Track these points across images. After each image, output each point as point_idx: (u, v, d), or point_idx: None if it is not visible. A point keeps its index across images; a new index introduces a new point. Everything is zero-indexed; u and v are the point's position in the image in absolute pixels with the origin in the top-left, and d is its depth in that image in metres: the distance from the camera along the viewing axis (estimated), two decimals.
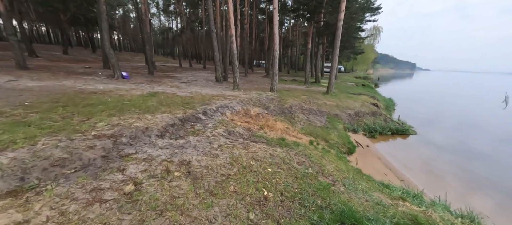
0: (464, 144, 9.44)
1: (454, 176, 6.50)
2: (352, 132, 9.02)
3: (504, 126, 12.82)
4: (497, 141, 10.00)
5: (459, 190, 5.77)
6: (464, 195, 5.49)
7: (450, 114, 15.92)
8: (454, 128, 11.98)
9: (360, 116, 10.20)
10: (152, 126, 4.11)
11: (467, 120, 14.13)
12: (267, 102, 9.28)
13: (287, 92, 12.55)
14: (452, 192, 5.36)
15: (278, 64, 11.67)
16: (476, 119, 14.65)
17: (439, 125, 12.47)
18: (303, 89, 15.39)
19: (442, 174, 6.56)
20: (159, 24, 54.35)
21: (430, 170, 6.78)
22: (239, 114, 7.46)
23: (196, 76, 18.05)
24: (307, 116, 8.86)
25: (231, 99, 8.45)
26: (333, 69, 13.48)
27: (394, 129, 9.82)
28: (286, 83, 18.79)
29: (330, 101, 11.16)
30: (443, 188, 5.36)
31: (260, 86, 14.52)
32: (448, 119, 14.20)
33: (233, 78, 11.52)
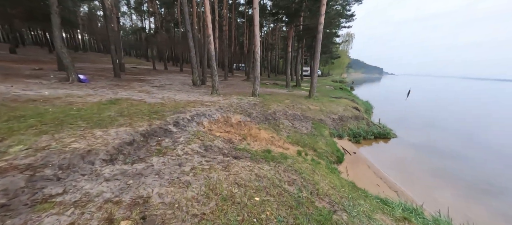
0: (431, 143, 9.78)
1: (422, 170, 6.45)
2: (338, 138, 8.70)
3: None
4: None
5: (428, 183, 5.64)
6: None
7: (413, 114, 16.91)
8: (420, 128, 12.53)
9: (344, 120, 10.00)
10: (98, 146, 3.08)
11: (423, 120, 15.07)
12: (249, 108, 8.55)
13: (269, 96, 11.98)
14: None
15: (260, 67, 11.07)
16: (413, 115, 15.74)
17: (408, 124, 12.94)
18: (285, 93, 15.01)
19: (424, 175, 6.48)
20: (131, 24, 50.74)
21: (417, 176, 6.65)
22: (219, 123, 6.60)
23: (171, 79, 16.65)
24: (292, 122, 8.32)
25: (209, 106, 7.54)
26: (315, 73, 13.31)
27: (376, 132, 9.78)
28: (267, 87, 18.31)
29: (314, 105, 10.84)
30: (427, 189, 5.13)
31: (241, 91, 13.76)
32: (416, 119, 14.95)
33: (212, 82, 10.60)
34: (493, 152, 9.54)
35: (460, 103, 29.25)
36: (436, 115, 17.41)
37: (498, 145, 10.45)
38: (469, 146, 10.05)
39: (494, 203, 5.51)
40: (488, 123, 16.16)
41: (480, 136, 12.13)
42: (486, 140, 11.34)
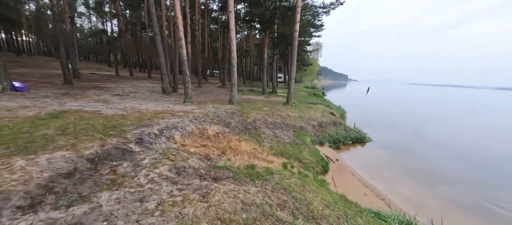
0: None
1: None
2: (319, 145, 8.54)
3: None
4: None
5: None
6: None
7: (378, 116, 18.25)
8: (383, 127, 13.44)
9: (323, 126, 9.97)
10: (12, 186, 2.11)
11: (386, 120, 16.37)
12: (227, 117, 7.86)
13: (247, 104, 11.44)
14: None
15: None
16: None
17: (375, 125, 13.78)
18: (263, 100, 14.66)
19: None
20: (90, 26, 45.84)
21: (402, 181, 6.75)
22: (193, 136, 5.78)
23: (137, 87, 15.00)
24: (273, 131, 7.87)
25: (181, 116, 6.65)
26: (292, 80, 13.28)
27: (353, 137, 9.95)
28: (244, 94, 17.79)
29: (293, 112, 10.64)
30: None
31: (217, 98, 12.97)
32: (379, 121, 16.05)
33: (184, 89, 9.64)
34: (432, 144, 11.05)
35: (410, 106, 32.77)
36: (393, 116, 19.00)
37: (435, 139, 11.72)
38: (418, 142, 11.47)
39: (443, 190, 6.35)
40: (427, 120, 18.19)
41: (424, 132, 13.89)
42: (429, 134, 13.10)
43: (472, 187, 6.56)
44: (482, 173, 7.78)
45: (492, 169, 8.16)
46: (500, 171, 8.05)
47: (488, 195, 6.04)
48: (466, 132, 15.15)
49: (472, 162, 8.86)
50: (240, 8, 29.65)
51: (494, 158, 9.44)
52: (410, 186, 6.37)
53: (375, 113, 20.82)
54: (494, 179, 7.28)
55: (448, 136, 13.46)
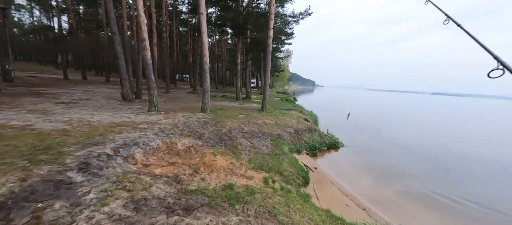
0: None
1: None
2: (297, 153, 8.37)
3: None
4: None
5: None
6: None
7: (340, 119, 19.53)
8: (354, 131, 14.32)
9: (300, 133, 9.90)
10: None
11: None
12: (200, 127, 7.11)
13: (221, 111, 10.77)
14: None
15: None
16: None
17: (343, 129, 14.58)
18: (237, 106, 14.13)
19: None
20: (31, 21, 39.25)
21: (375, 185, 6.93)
22: (159, 152, 4.93)
23: (91, 93, 13.00)
24: (250, 141, 7.39)
25: (144, 129, 5.71)
26: (266, 86, 13.09)
27: (328, 143, 10.11)
28: (217, 100, 16.99)
29: (269, 120, 10.36)
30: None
31: (188, 105, 11.97)
32: (345, 123, 17.11)
33: (149, 96, 8.53)
34: (395, 144, 12.17)
35: (370, 107, 36.19)
36: (357, 120, 20.53)
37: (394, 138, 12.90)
38: (378, 141, 12.64)
39: (398, 184, 7.22)
40: (386, 121, 20.21)
41: (382, 132, 15.35)
42: (385, 134, 14.46)
43: (425, 181, 7.36)
44: (432, 166, 8.81)
45: (428, 162, 9.28)
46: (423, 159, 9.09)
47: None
48: (417, 132, 17.04)
49: (428, 157, 10.05)
50: (211, 12, 28.91)
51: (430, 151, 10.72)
52: (371, 182, 7.00)
53: (342, 117, 22.11)
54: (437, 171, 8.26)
55: (401, 135, 14.89)
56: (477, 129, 21.58)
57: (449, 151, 11.69)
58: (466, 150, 12.20)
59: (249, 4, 17.63)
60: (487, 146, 14.02)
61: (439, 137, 15.82)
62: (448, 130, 19.61)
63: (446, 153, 11.24)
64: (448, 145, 13.26)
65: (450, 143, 13.72)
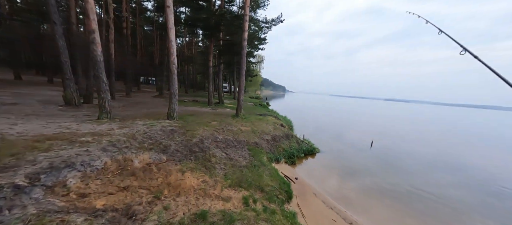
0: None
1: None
2: (276, 162, 7.82)
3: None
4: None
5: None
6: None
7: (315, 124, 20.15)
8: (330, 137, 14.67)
9: (277, 140, 9.41)
10: None
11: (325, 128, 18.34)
12: (165, 138, 6.00)
13: (192, 118, 9.65)
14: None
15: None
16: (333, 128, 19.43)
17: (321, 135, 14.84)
18: (210, 112, 13.07)
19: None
20: None
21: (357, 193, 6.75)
22: (106, 174, 3.76)
23: (24, 96, 10.49)
24: (225, 151, 6.55)
25: (87, 143, 4.42)
26: (241, 90, 12.38)
27: (305, 150, 9.86)
28: (187, 105, 15.58)
29: (245, 126, 9.64)
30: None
31: (152, 111, 10.49)
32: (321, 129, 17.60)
33: (99, 100, 7.00)
34: (352, 145, 12.81)
35: (338, 112, 38.60)
36: (328, 125, 21.41)
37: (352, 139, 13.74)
38: (347, 144, 13.20)
39: (359, 180, 7.78)
40: (349, 126, 21.62)
41: (345, 135, 16.14)
42: (348, 137, 15.24)
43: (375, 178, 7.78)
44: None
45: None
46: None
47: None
48: (371, 131, 18.37)
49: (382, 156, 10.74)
50: (182, 11, 27.21)
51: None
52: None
53: (316, 122, 22.72)
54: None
55: (366, 136, 15.81)
56: (411, 130, 24.50)
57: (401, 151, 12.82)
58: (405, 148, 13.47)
59: (221, 5, 16.87)
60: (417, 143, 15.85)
61: (390, 137, 17.30)
62: (395, 131, 21.77)
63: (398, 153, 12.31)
64: (399, 145, 14.53)
65: (399, 143, 15.09)
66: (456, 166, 10.67)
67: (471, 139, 21.64)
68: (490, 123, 45.94)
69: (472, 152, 15.09)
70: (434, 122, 36.54)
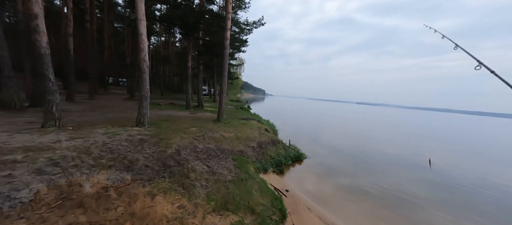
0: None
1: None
2: (263, 172, 7.10)
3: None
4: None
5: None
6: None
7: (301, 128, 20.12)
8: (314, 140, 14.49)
9: (264, 147, 8.71)
10: None
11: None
12: (132, 150, 4.90)
13: (167, 123, 8.50)
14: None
15: (149, 82, 7.43)
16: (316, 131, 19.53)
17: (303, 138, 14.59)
18: (188, 117, 11.91)
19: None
20: None
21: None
22: (38, 208, 2.65)
23: None
24: (207, 163, 5.63)
25: (14, 163, 3.21)
26: (224, 93, 11.47)
27: (293, 156, 9.33)
28: (162, 109, 14.14)
29: (228, 132, 8.77)
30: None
31: (119, 116, 9.07)
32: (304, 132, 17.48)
33: (46, 104, 5.58)
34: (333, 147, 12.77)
35: (317, 114, 39.60)
36: (311, 128, 21.54)
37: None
38: (329, 148, 12.81)
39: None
40: (327, 128, 22.13)
41: (320, 135, 16.07)
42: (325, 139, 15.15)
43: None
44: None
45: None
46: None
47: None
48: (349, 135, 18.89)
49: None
50: (157, 8, 25.33)
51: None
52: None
53: (296, 125, 22.63)
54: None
55: (344, 139, 16.10)
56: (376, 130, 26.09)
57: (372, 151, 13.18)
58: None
59: (201, 3, 15.84)
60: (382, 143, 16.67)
61: (359, 138, 17.92)
62: (362, 132, 22.84)
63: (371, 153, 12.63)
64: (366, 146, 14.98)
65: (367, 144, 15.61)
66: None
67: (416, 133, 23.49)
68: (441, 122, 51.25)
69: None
70: (402, 124, 39.30)
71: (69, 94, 12.26)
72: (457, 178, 9.37)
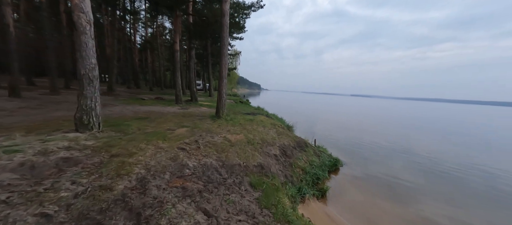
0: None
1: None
2: (301, 201, 4.22)
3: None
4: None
5: None
6: None
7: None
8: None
9: (289, 154, 5.82)
10: None
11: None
12: (22, 191, 1.90)
13: (139, 123, 5.50)
14: None
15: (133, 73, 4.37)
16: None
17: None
18: (176, 112, 8.89)
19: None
20: None
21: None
22: None
23: None
24: (203, 205, 2.71)
25: None
26: (223, 79, 8.42)
27: (329, 165, 6.49)
28: (144, 104, 11.02)
29: (234, 133, 5.84)
30: None
31: (69, 114, 6.01)
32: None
33: None
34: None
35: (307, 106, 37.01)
36: (329, 123, 18.76)
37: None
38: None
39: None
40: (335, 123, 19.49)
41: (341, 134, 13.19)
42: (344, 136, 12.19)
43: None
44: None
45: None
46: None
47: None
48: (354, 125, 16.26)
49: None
50: None
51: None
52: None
53: (304, 119, 19.84)
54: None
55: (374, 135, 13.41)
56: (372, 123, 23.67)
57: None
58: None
59: None
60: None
61: (380, 133, 15.28)
62: (376, 125, 20.28)
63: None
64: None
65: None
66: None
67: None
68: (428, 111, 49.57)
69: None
70: (413, 116, 37.16)
71: (12, 87, 9.02)
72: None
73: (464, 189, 6.25)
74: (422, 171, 7.55)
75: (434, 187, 6.31)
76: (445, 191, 6.11)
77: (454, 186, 6.43)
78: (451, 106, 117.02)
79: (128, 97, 14.14)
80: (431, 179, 6.87)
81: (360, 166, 7.50)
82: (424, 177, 7.02)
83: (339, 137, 12.67)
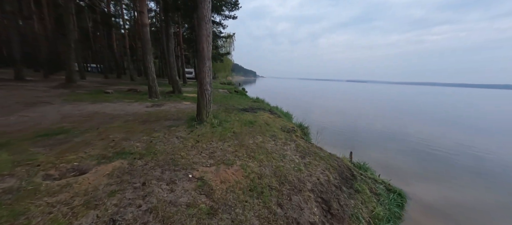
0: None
1: None
2: None
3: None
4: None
5: None
6: None
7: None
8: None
9: (336, 208, 2.88)
10: None
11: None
12: None
13: (29, 148, 2.38)
14: None
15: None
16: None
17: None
18: (140, 113, 5.78)
19: None
20: None
21: None
22: None
23: None
24: None
25: None
26: (205, 62, 5.27)
27: (397, 206, 3.61)
28: (103, 101, 7.77)
29: (222, 160, 2.88)
30: None
31: None
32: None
33: None
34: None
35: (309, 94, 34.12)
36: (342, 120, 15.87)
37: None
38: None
39: None
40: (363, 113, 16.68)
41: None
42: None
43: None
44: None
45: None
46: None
47: None
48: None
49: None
50: None
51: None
52: None
53: (311, 113, 16.90)
54: None
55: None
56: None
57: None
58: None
59: None
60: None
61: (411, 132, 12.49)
62: (402, 117, 17.51)
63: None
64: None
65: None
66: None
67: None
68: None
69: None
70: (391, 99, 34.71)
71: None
72: None
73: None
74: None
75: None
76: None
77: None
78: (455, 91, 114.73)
79: (90, 91, 10.83)
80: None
81: (425, 190, 4.68)
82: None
83: (363, 136, 9.72)
